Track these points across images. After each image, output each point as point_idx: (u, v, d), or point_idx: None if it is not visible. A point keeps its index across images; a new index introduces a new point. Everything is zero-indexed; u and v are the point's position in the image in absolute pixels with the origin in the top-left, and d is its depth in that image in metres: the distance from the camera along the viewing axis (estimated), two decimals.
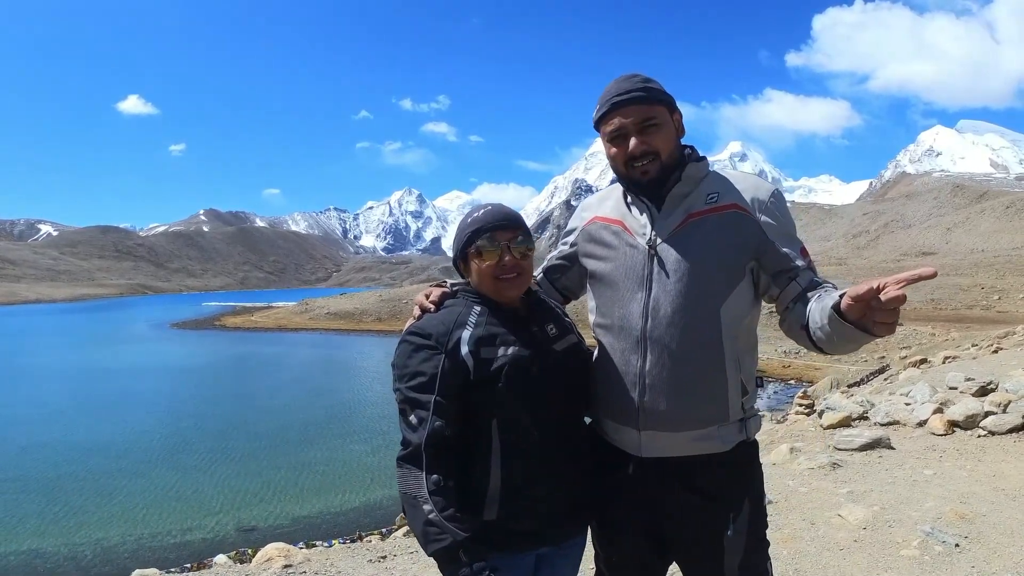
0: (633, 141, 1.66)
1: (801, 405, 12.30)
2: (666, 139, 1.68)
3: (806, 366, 36.88)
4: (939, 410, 6.49)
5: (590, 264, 1.84)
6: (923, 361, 17.40)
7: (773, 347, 38.59)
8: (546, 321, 1.78)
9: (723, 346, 1.65)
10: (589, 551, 1.87)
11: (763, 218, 1.66)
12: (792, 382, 34.60)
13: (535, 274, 1.99)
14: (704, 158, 1.74)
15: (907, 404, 7.10)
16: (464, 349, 1.63)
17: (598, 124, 1.73)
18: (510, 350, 1.65)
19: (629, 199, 1.78)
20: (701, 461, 1.67)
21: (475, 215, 1.75)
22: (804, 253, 1.69)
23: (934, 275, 1.30)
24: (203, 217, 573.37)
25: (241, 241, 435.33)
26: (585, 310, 1.92)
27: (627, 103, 1.66)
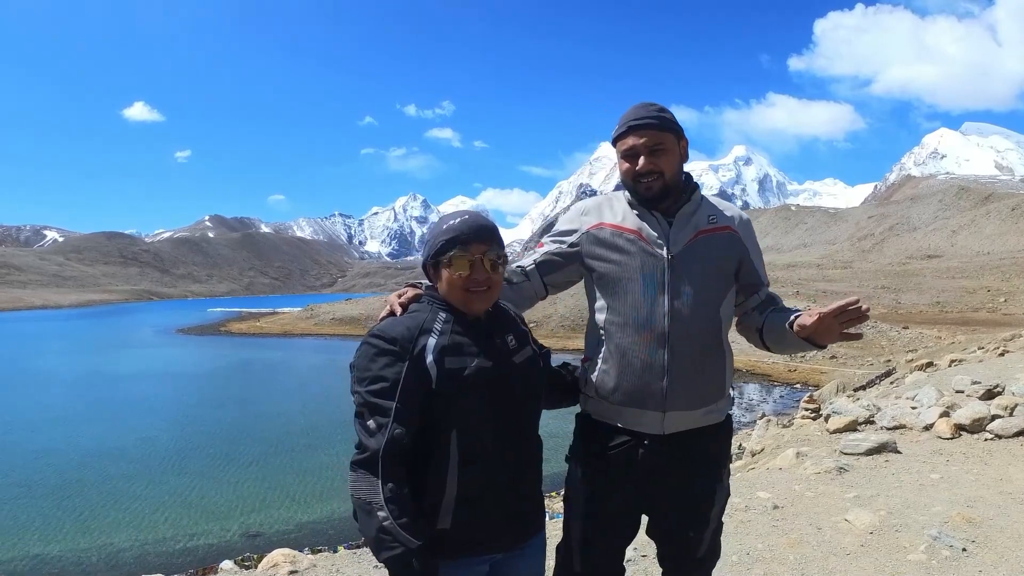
0: (642, 160, 1.94)
1: (807, 409, 12.30)
2: (670, 162, 1.96)
3: (812, 370, 36.62)
4: (945, 414, 6.46)
5: (600, 266, 2.01)
6: (929, 364, 17.37)
7: None
8: (506, 332, 1.78)
9: (722, 338, 2.01)
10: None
11: (747, 240, 2.07)
12: (798, 386, 34.36)
13: (525, 264, 2.11)
14: (698, 185, 2.07)
15: (913, 408, 7.07)
16: (429, 357, 1.61)
17: (615, 142, 2.01)
18: (474, 362, 1.64)
19: (638, 212, 2.01)
20: (707, 431, 2.01)
21: (451, 223, 1.71)
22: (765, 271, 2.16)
23: (855, 305, 1.77)
24: (208, 223, 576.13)
25: (246, 247, 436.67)
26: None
27: (641, 127, 1.94)
